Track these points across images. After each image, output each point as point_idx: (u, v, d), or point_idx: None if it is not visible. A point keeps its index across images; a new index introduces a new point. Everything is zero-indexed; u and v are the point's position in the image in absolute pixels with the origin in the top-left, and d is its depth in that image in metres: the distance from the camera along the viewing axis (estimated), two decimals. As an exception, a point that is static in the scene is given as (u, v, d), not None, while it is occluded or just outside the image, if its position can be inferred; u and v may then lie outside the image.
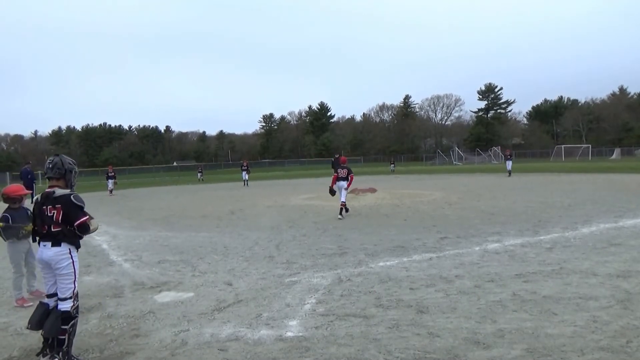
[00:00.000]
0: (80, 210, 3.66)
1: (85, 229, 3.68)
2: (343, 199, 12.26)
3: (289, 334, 4.06)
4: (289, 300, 5.02)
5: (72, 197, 3.65)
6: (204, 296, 5.37)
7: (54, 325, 3.54)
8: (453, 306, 4.59)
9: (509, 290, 5.03)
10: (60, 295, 3.64)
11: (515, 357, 3.39)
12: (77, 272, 3.72)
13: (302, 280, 5.87)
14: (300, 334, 4.05)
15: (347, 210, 12.39)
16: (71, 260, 3.66)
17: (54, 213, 3.62)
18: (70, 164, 3.80)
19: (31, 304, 5.44)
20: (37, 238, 3.76)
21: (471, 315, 4.32)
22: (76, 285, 3.71)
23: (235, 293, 5.43)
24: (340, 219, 11.73)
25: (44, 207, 3.67)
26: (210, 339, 4.01)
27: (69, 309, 3.60)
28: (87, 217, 3.71)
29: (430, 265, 6.38)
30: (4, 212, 5.38)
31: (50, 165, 3.75)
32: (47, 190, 3.73)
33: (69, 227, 3.64)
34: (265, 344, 3.85)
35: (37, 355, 3.70)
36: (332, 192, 12.49)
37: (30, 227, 4.09)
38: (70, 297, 3.64)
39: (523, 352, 3.46)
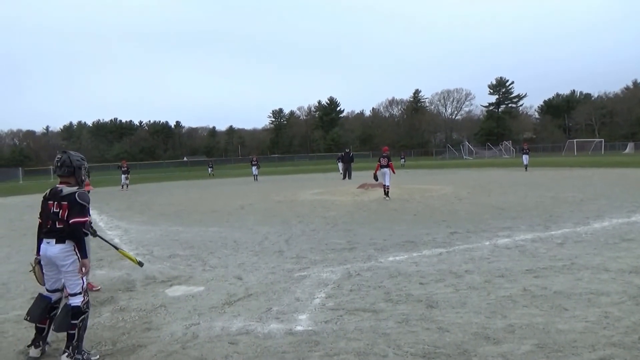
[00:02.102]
0: (81, 209, 3.59)
1: (78, 230, 3.56)
2: (387, 183, 14.49)
3: (299, 328, 4.08)
4: (298, 295, 5.05)
5: (76, 195, 3.60)
6: (215, 290, 5.42)
7: (64, 320, 3.53)
8: (463, 301, 4.58)
9: (520, 285, 5.01)
10: (70, 291, 3.61)
11: (526, 353, 3.38)
12: None
13: (311, 274, 5.90)
14: (310, 328, 4.07)
15: (387, 195, 14.41)
16: (76, 257, 3.59)
17: (59, 210, 3.58)
18: (78, 160, 3.75)
19: (99, 287, 5.68)
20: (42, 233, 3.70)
21: (481, 310, 4.31)
22: (84, 280, 3.66)
23: (245, 287, 5.47)
24: (386, 200, 14.14)
25: (50, 202, 3.64)
26: (221, 333, 4.05)
27: (79, 304, 3.58)
28: (86, 218, 3.64)
29: (440, 260, 6.37)
30: None
31: (59, 164, 3.70)
32: (56, 186, 3.72)
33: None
34: (275, 337, 3.88)
35: (28, 346, 3.73)
36: (376, 178, 14.93)
37: None
38: (80, 293, 3.61)
39: (533, 348, 3.44)
